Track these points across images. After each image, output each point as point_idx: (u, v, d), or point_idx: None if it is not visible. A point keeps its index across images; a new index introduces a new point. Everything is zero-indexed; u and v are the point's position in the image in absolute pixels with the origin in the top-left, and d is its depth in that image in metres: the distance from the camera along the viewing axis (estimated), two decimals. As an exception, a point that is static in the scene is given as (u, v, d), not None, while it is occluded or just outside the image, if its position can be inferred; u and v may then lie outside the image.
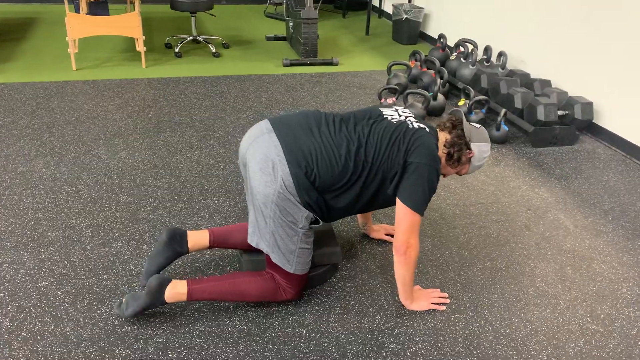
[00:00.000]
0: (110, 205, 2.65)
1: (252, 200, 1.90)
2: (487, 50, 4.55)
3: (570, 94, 3.89)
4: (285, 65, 5.01)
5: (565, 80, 4.00)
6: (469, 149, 2.03)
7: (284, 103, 4.10)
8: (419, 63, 4.66)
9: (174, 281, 1.94)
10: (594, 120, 3.75)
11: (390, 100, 3.99)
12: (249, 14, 7.25)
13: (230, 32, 6.15)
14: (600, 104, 3.71)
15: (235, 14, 7.19)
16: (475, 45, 4.70)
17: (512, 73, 4.20)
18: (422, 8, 5.98)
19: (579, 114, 3.64)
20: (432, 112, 3.96)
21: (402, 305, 2.11)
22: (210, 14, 6.35)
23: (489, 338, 1.98)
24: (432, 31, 6.04)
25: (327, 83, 4.63)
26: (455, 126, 2.04)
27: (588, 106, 3.65)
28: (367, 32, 6.45)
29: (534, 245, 2.55)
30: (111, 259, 2.28)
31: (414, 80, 4.61)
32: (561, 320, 2.09)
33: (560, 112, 3.64)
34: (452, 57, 4.69)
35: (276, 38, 5.96)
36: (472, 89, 3.93)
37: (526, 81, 4.09)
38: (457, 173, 2.12)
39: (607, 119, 3.68)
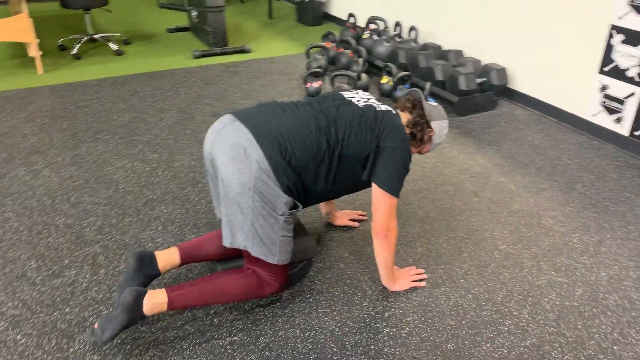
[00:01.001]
0: (49, 231, 2.40)
1: (225, 195, 1.80)
2: (398, 25, 4.65)
3: (483, 62, 4.09)
4: (196, 57, 4.81)
5: (477, 49, 4.19)
6: (430, 127, 2.06)
7: (207, 97, 3.93)
8: (334, 44, 4.67)
9: (150, 291, 1.79)
10: (508, 85, 3.98)
11: (316, 84, 3.97)
12: (141, 6, 6.84)
13: (128, 28, 5.78)
14: (512, 68, 3.94)
15: (128, 7, 6.76)
16: (385, 22, 4.79)
17: (425, 46, 4.33)
18: (324, -12, 5.98)
19: (495, 80, 3.84)
20: (358, 92, 3.99)
21: (385, 288, 2.13)
22: (107, 10, 5.91)
23: (473, 306, 2.05)
24: (336, 11, 6.06)
25: (244, 72, 4.51)
26: (415, 106, 2.06)
27: (502, 72, 3.86)
28: (270, 16, 6.35)
29: (487, 210, 2.67)
30: (68, 289, 2.07)
31: (332, 61, 4.61)
32: (530, 278, 2.22)
33: (478, 80, 3.82)
34: (365, 36, 4.74)
35: (178, 29, 5.68)
36: (393, 66, 4.00)
37: (440, 53, 4.24)
38: (419, 152, 2.15)
39: (520, 82, 3.92)
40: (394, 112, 1.96)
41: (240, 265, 2.00)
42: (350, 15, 5.03)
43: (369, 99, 2.01)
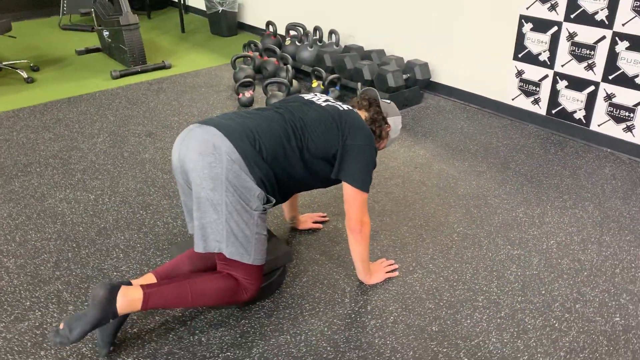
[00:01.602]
0: (1, 275, 2.24)
1: (198, 196, 1.79)
2: (318, 30, 4.75)
3: (406, 59, 4.29)
4: (115, 77, 4.63)
5: (398, 47, 4.38)
6: (387, 123, 2.16)
7: (137, 117, 3.81)
8: (257, 53, 4.69)
9: (124, 287, 1.73)
10: (432, 79, 4.19)
11: (248, 94, 3.97)
12: (42, 30, 6.46)
13: (33, 53, 5.45)
14: (434, 62, 4.16)
15: (29, 32, 6.36)
16: (304, 28, 4.87)
17: (348, 49, 4.47)
18: (236, -2, 5.98)
19: (420, 75, 4.04)
20: (292, 98, 4.04)
21: (361, 283, 2.19)
22: (11, 36, 5.53)
23: (446, 287, 2.17)
24: (251, 20, 6.08)
25: (170, 88, 4.41)
26: (371, 104, 2.15)
27: (425, 67, 4.07)
28: (182, 30, 6.24)
29: (436, 197, 2.82)
30: (37, 332, 1.95)
31: (258, 70, 4.62)
32: (490, 254, 2.37)
33: (404, 76, 4.00)
34: (288, 42, 4.80)
35: (88, 51, 5.44)
36: (322, 70, 4.09)
37: (363, 54, 4.39)
38: (377, 148, 2.24)
39: (442, 75, 4.15)
40: (355, 110, 2.04)
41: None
42: (269, 23, 5.07)
43: (327, 99, 2.08)
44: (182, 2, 6.23)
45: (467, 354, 1.85)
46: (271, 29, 5.08)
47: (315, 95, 2.11)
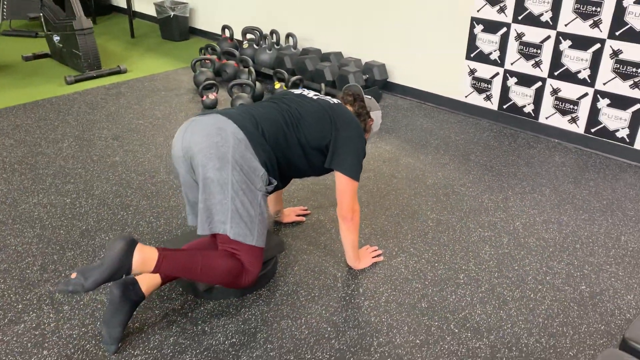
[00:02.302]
0: (-14, 280, 2.20)
1: (204, 178, 1.85)
2: (275, 33, 4.85)
3: (364, 60, 4.46)
4: (70, 83, 4.53)
5: (355, 49, 4.55)
6: (370, 117, 2.30)
7: (100, 121, 3.77)
8: (215, 56, 4.73)
9: (140, 244, 1.75)
10: (389, 79, 4.38)
11: (212, 96, 4.01)
12: (-21, 35, 6.19)
13: (-24, 59, 5.22)
14: (390, 63, 4.35)
15: (-38, 37, 6.07)
16: (261, 32, 4.96)
17: (306, 51, 4.59)
18: (187, 3, 5.98)
19: (378, 75, 4.22)
20: (257, 100, 4.12)
21: (350, 269, 2.31)
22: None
23: (429, 268, 2.33)
24: (203, 25, 6.09)
25: (129, 92, 4.37)
26: (356, 99, 2.28)
27: (382, 67, 4.26)
28: (132, 35, 6.16)
29: (407, 188, 2.98)
30: (36, 332, 1.94)
31: (218, 73, 4.66)
32: (463, 237, 2.55)
33: (364, 77, 4.17)
34: (245, 45, 4.87)
35: (36, 56, 5.27)
36: (285, 72, 4.19)
37: (322, 56, 4.52)
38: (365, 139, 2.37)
39: (398, 75, 4.35)
40: (343, 105, 2.16)
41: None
42: (226, 27, 5.11)
43: (316, 93, 2.19)
44: (130, 7, 6.15)
45: (456, 325, 2.01)
46: (227, 32, 5.13)
47: (304, 90, 2.21)
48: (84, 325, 1.97)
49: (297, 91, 2.20)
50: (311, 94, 2.17)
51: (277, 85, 4.20)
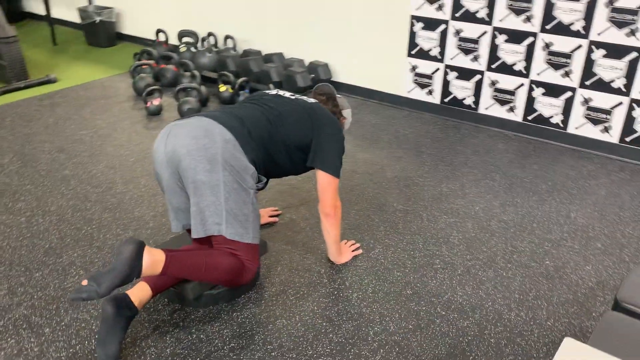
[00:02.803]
0: (-51, 309, 2.04)
1: (194, 181, 1.84)
2: (212, 36, 4.79)
3: (306, 61, 4.51)
4: (-4, 96, 4.25)
5: (297, 50, 4.59)
6: (343, 116, 2.36)
7: (39, 134, 3.57)
8: (152, 61, 4.60)
9: (148, 247, 1.75)
10: (333, 78, 4.47)
11: (156, 102, 3.91)
12: None
13: None
14: (333, 63, 4.43)
15: None
16: (196, 35, 4.88)
17: (247, 53, 4.58)
18: (112, 8, 5.75)
19: (322, 75, 4.30)
20: (204, 103, 4.06)
21: (332, 264, 2.36)
22: None
23: (406, 257, 2.42)
24: (131, 30, 5.89)
25: (64, 102, 4.17)
26: (329, 98, 2.33)
27: (326, 67, 4.33)
28: (54, 43, 5.85)
29: (370, 182, 3.07)
30: (19, 359, 1.83)
31: (157, 77, 4.54)
32: (434, 224, 2.68)
33: (310, 76, 4.22)
34: (183, 49, 4.77)
35: (-50, 68, 4.88)
36: (230, 74, 4.16)
37: (265, 57, 4.53)
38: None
39: (341, 74, 4.44)
40: (320, 104, 2.20)
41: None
42: (160, 31, 4.99)
43: (292, 93, 2.23)
44: (49, 13, 5.82)
45: (443, 307, 2.12)
46: (162, 37, 5.00)
47: (278, 91, 2.23)
48: (71, 346, 1.89)
49: (272, 91, 2.22)
50: (287, 94, 2.20)
51: (223, 88, 4.16)
